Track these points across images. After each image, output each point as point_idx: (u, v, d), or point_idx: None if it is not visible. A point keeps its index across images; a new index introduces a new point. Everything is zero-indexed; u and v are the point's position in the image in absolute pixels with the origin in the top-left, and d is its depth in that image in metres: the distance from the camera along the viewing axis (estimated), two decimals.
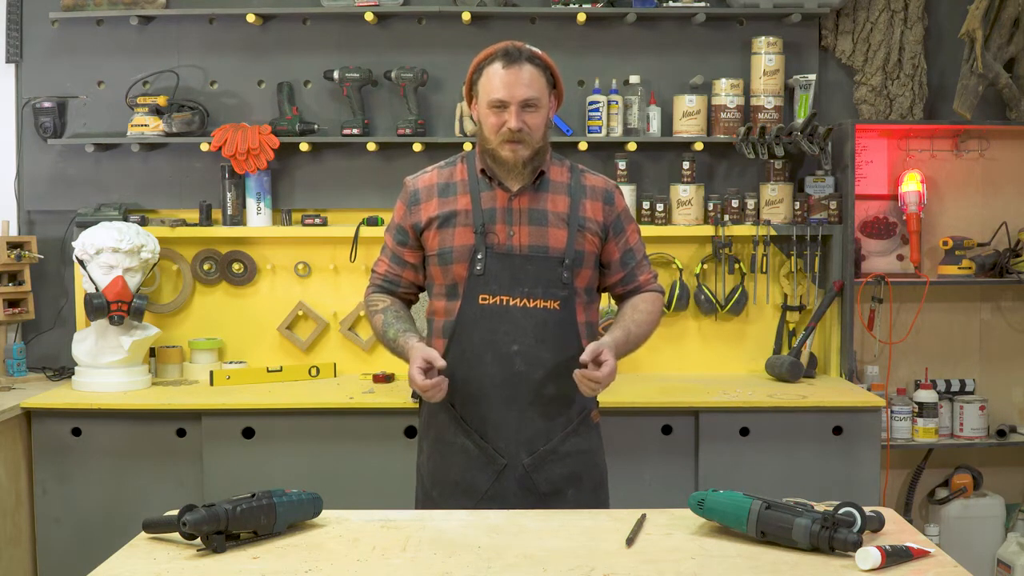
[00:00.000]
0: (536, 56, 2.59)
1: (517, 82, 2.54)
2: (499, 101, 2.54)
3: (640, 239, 2.75)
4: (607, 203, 2.65)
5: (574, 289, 2.59)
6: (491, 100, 2.55)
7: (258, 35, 4.19)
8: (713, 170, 4.24)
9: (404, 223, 2.68)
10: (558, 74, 2.65)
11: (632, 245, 2.70)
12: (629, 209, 2.79)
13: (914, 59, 4.20)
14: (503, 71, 2.54)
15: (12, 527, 3.58)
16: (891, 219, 4.31)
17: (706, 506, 2.18)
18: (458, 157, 2.73)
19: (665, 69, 4.21)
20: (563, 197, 2.61)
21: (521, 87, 2.54)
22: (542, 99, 2.58)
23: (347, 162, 4.20)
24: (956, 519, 4.22)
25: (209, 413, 3.66)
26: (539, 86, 2.57)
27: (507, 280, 2.56)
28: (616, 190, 2.71)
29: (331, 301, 4.22)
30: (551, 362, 2.56)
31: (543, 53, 2.63)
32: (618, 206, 2.68)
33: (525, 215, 2.58)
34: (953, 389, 4.25)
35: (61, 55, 4.19)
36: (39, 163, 4.23)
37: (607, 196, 2.67)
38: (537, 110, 2.56)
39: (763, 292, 4.20)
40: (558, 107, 2.71)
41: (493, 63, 2.57)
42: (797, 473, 3.64)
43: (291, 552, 2.10)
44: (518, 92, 2.54)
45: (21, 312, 4.11)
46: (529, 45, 2.62)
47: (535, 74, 2.56)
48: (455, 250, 2.58)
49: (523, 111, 2.54)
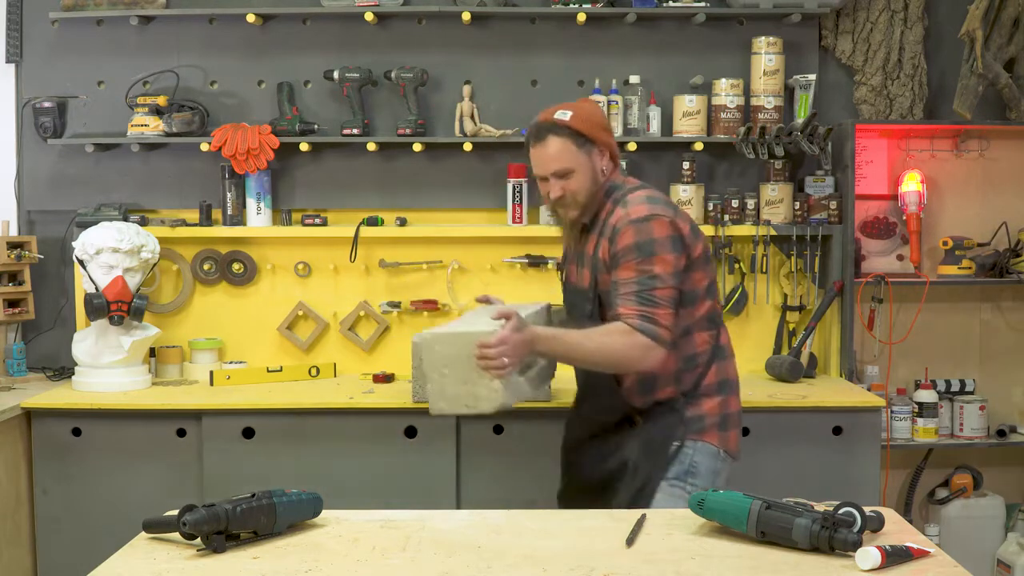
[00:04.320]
0: (561, 125, 2.74)
1: (545, 158, 2.76)
2: (538, 176, 2.83)
3: (638, 275, 2.66)
4: (612, 240, 2.72)
5: (599, 321, 2.76)
6: (534, 175, 2.86)
7: (258, 35, 4.19)
8: (713, 170, 4.24)
9: None
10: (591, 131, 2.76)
11: (619, 278, 2.70)
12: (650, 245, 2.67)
13: (914, 59, 4.20)
14: (533, 150, 2.79)
15: (12, 527, 3.58)
16: (891, 219, 4.31)
17: (706, 506, 2.18)
18: None
19: (665, 69, 4.21)
20: (594, 238, 2.80)
21: (549, 162, 2.76)
22: (574, 164, 2.75)
23: (347, 162, 4.20)
24: (956, 519, 4.22)
25: (209, 413, 3.66)
26: (568, 154, 2.74)
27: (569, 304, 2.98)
28: (628, 226, 2.70)
29: (331, 301, 4.22)
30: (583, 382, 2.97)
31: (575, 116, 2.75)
32: (619, 243, 2.70)
33: (581, 257, 2.88)
34: (953, 389, 4.25)
35: (61, 55, 4.19)
36: (39, 163, 4.23)
37: (613, 233, 2.72)
38: (573, 175, 2.75)
39: (763, 292, 4.20)
40: (610, 154, 2.83)
41: (529, 140, 2.81)
42: (797, 473, 3.64)
43: (291, 552, 2.10)
44: (548, 167, 2.77)
45: (21, 312, 4.11)
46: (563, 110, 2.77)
47: (561, 144, 2.74)
48: None
49: (558, 180, 2.76)
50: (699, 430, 2.77)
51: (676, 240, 2.67)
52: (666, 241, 2.66)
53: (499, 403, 2.60)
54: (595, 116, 2.81)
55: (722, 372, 2.84)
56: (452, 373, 2.61)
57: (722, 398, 2.81)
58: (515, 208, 4.10)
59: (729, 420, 2.82)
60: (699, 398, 2.78)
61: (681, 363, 2.76)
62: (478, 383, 2.59)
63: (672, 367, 2.74)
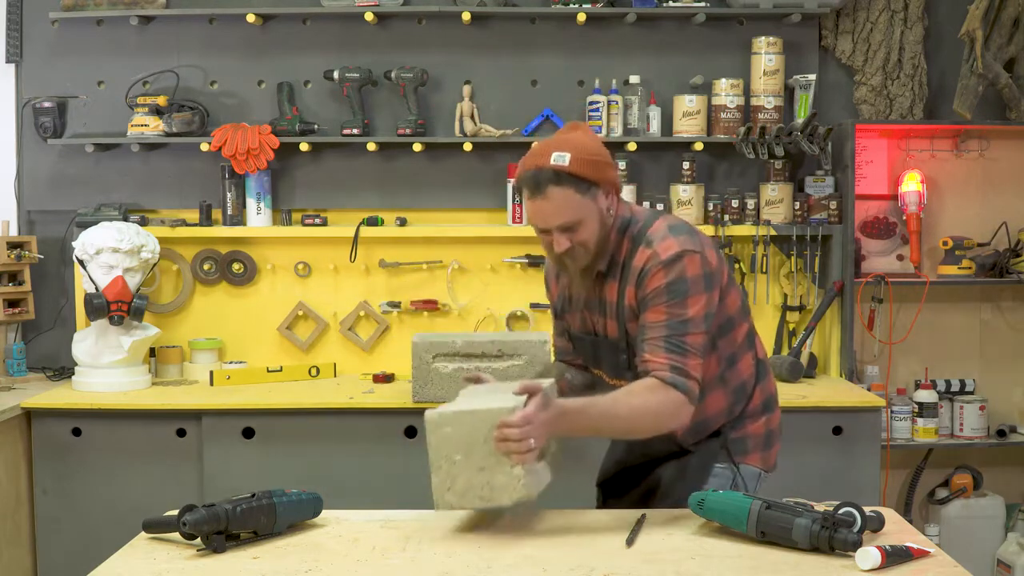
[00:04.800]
0: (561, 172, 2.33)
1: (545, 213, 2.36)
2: (539, 230, 2.42)
3: (669, 322, 2.34)
4: (639, 285, 2.39)
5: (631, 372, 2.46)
6: (533, 226, 2.43)
7: (258, 35, 4.19)
8: (713, 170, 4.24)
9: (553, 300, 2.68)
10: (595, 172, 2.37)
11: (647, 322, 2.37)
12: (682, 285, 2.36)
13: (914, 59, 4.20)
14: (530, 202, 2.38)
15: (12, 527, 3.58)
16: (891, 219, 4.31)
17: (706, 506, 2.18)
18: None
19: (665, 69, 4.20)
20: (615, 284, 2.46)
21: (551, 217, 2.37)
22: (580, 215, 2.36)
23: (347, 162, 4.20)
24: (956, 519, 4.22)
25: (209, 413, 3.66)
26: (572, 206, 2.35)
27: (591, 359, 2.61)
28: (657, 268, 2.36)
29: (331, 301, 4.22)
30: None
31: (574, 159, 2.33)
32: (648, 287, 2.37)
33: (584, 303, 2.54)
34: (953, 389, 4.25)
35: (61, 55, 4.19)
36: (39, 163, 4.23)
37: (641, 277, 2.39)
38: (580, 225, 2.37)
39: (763, 292, 4.20)
40: (615, 193, 2.44)
41: (522, 187, 2.40)
42: (797, 473, 3.62)
43: (291, 552, 2.10)
44: (551, 221, 2.37)
45: (21, 312, 4.11)
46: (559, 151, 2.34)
47: (564, 195, 2.34)
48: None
49: (564, 233, 2.38)
50: (742, 452, 2.56)
51: (709, 277, 2.38)
52: (699, 280, 2.36)
53: (521, 494, 2.18)
54: (594, 150, 2.38)
55: (766, 391, 2.62)
56: (465, 459, 2.19)
57: (767, 417, 2.61)
58: (515, 208, 4.10)
59: (772, 436, 2.63)
60: (744, 421, 2.57)
61: (732, 397, 2.54)
62: (496, 470, 2.17)
63: (724, 404, 2.53)
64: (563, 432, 2.30)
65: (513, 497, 2.17)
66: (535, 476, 2.21)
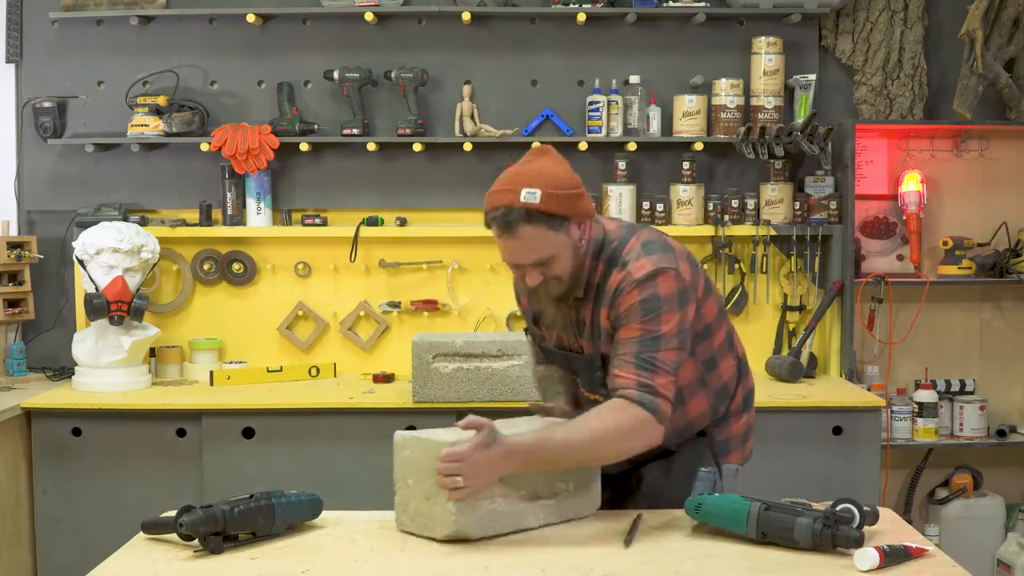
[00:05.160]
0: (532, 211, 2.24)
1: (517, 250, 2.29)
2: (511, 264, 2.35)
3: (643, 339, 2.29)
4: (612, 306, 2.34)
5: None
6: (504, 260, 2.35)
7: (258, 35, 4.19)
8: (713, 170, 4.23)
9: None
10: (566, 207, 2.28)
11: (620, 339, 2.33)
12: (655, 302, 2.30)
13: (914, 59, 4.19)
14: (501, 240, 2.29)
15: (12, 527, 3.58)
16: (891, 219, 4.30)
17: (703, 510, 2.18)
18: None
19: (665, 69, 4.20)
20: (589, 307, 2.40)
21: (524, 254, 2.29)
22: (553, 251, 2.29)
23: (347, 162, 4.20)
24: (956, 519, 4.22)
25: (209, 413, 3.66)
26: (545, 243, 2.27)
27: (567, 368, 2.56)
28: (631, 287, 2.31)
29: (331, 301, 4.22)
30: None
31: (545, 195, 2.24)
32: (621, 306, 2.32)
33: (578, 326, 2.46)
34: (953, 389, 4.25)
35: (61, 55, 4.19)
36: (39, 163, 4.23)
37: (615, 296, 2.33)
38: (554, 260, 2.30)
39: (763, 292, 4.20)
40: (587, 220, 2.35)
41: (491, 224, 2.29)
42: (797, 473, 3.64)
43: (289, 552, 2.10)
44: (521, 258, 2.30)
45: (21, 312, 4.11)
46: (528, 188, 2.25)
47: (535, 234, 2.26)
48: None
49: (537, 268, 2.31)
50: (725, 452, 2.57)
51: (683, 293, 2.33)
52: (673, 298, 2.31)
53: (452, 530, 2.13)
54: (565, 182, 2.28)
55: (745, 388, 2.62)
56: (416, 485, 2.19)
57: (747, 414, 2.62)
58: None
59: (750, 431, 2.64)
60: (728, 419, 2.57)
61: (714, 398, 2.52)
62: (436, 501, 2.14)
63: (706, 407, 2.51)
64: (515, 470, 2.20)
65: (444, 532, 2.14)
66: (483, 516, 2.15)
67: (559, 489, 2.27)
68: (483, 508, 2.15)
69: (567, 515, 2.27)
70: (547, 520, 2.24)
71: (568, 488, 2.28)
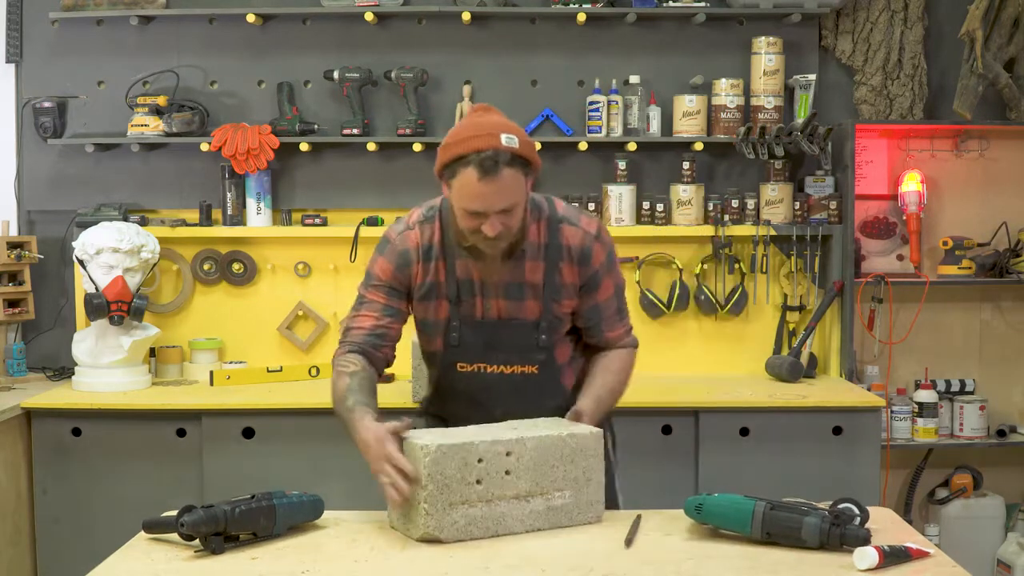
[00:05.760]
0: (514, 155, 2.29)
1: (495, 193, 2.28)
2: (476, 212, 2.31)
3: (616, 293, 2.51)
4: (583, 264, 2.44)
5: (553, 351, 2.50)
6: (467, 209, 2.31)
7: (258, 35, 4.19)
8: (713, 170, 4.24)
9: (395, 282, 2.52)
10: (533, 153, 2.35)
11: (600, 301, 2.48)
12: (613, 255, 2.50)
13: (914, 59, 4.20)
14: (479, 183, 2.27)
15: (12, 527, 3.58)
16: (891, 219, 4.30)
17: (705, 511, 2.17)
18: (435, 211, 2.50)
19: (665, 69, 4.20)
20: (539, 264, 2.44)
21: (499, 198, 2.29)
22: (520, 197, 2.33)
23: (347, 162, 4.20)
24: (956, 519, 4.22)
25: (209, 413, 3.66)
26: (517, 188, 2.31)
27: (481, 348, 2.49)
28: (596, 242, 2.45)
29: (331, 301, 4.22)
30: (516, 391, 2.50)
31: (521, 141, 2.31)
32: (595, 262, 2.45)
33: (502, 289, 2.45)
34: (953, 389, 4.25)
35: (61, 55, 4.19)
36: (39, 163, 4.23)
37: (583, 255, 2.44)
38: (516, 207, 2.33)
39: (763, 292, 4.20)
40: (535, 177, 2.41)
41: (468, 167, 2.27)
42: (797, 473, 3.64)
43: (290, 552, 2.10)
44: (496, 203, 2.29)
45: (21, 312, 4.11)
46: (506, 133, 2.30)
47: (514, 177, 2.29)
48: (434, 323, 2.51)
49: (500, 215, 2.31)
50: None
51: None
52: (615, 245, 2.54)
53: (423, 532, 2.13)
54: (524, 132, 2.38)
55: None
56: None
57: None
58: None
59: None
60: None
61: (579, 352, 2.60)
62: (412, 503, 2.16)
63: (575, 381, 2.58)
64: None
65: (417, 534, 2.15)
66: (448, 518, 2.14)
67: (552, 497, 2.25)
68: (458, 512, 2.15)
69: (561, 523, 2.25)
70: (535, 526, 2.23)
71: (563, 496, 2.26)
